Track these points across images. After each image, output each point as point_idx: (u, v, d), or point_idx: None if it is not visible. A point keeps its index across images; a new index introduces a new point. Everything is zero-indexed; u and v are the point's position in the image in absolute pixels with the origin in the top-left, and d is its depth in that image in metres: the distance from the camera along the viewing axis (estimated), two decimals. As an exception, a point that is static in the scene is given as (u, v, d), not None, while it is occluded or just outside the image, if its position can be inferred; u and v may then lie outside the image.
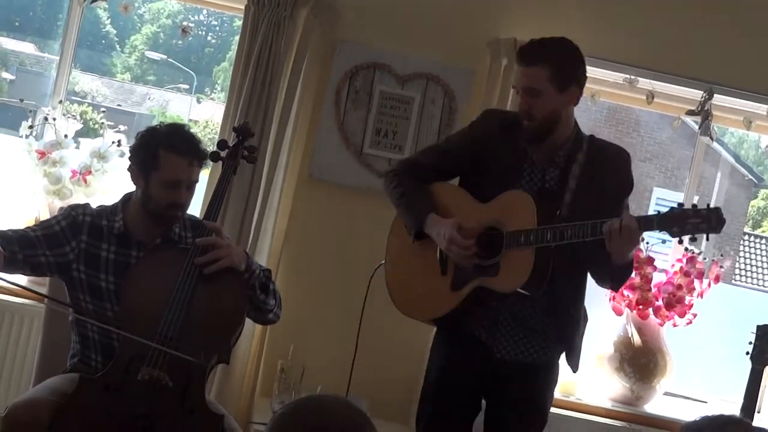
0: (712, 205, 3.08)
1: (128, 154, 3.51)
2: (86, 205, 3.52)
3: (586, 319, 3.61)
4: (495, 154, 3.47)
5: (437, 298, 3.50)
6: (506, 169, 3.45)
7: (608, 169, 3.45)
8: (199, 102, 17.18)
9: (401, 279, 3.63)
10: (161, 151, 3.35)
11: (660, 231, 3.19)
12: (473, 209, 3.46)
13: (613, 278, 3.47)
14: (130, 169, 3.45)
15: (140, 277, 3.34)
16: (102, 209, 3.50)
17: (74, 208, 3.49)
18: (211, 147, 3.62)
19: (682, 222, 3.10)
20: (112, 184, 4.68)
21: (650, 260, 4.78)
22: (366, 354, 4.24)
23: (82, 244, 3.41)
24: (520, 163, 3.46)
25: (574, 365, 3.58)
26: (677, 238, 3.19)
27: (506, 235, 3.32)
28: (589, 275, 3.53)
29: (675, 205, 3.16)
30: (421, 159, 3.69)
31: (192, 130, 3.49)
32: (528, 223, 3.28)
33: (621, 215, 3.23)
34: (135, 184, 3.44)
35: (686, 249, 4.89)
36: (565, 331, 3.51)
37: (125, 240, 3.44)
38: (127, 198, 3.51)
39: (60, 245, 3.38)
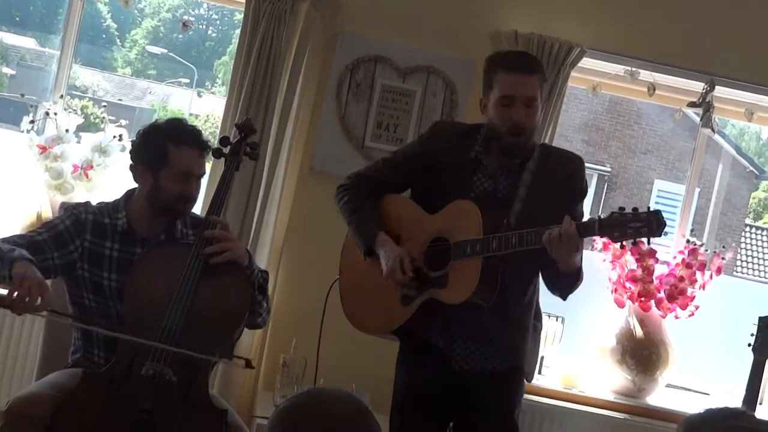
0: (713, 198, 3.04)
1: (130, 154, 3.49)
2: (87, 204, 3.51)
3: (536, 328, 3.54)
4: (446, 165, 3.39)
5: (388, 314, 3.45)
6: (458, 179, 3.38)
7: (559, 176, 3.38)
8: (199, 96, 17.19)
9: (354, 294, 3.60)
10: (170, 146, 3.35)
11: (601, 236, 3.12)
12: (421, 220, 3.41)
13: (560, 286, 3.41)
14: (133, 168, 3.44)
15: (144, 272, 3.33)
16: (103, 206, 3.48)
17: (76, 207, 3.48)
18: (212, 142, 3.61)
19: (623, 226, 3.02)
20: (113, 178, 4.68)
21: (652, 252, 4.78)
22: (369, 348, 4.24)
23: (86, 243, 3.39)
24: (471, 172, 3.39)
25: (527, 374, 3.52)
26: (619, 243, 3.14)
27: (453, 245, 3.28)
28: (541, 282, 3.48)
29: (616, 209, 3.06)
30: (372, 173, 3.62)
31: (192, 123, 3.48)
32: (474, 233, 3.22)
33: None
34: (140, 182, 3.42)
35: (688, 241, 4.89)
36: (515, 339, 3.44)
37: (129, 237, 3.43)
38: (129, 194, 3.49)
39: (65, 245, 3.36)
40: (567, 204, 3.33)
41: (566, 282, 3.35)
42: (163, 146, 3.35)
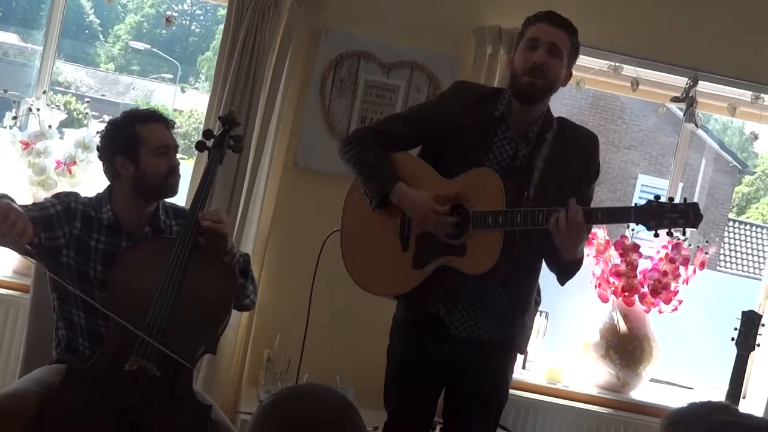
0: (696, 193, 3.07)
1: (101, 155, 3.49)
2: (77, 194, 3.52)
3: (538, 303, 3.57)
4: (467, 125, 3.36)
5: (398, 276, 3.39)
6: (475, 141, 3.35)
7: (577, 152, 3.39)
8: (183, 91, 17.16)
9: (359, 255, 3.50)
10: (138, 126, 3.40)
11: (637, 224, 3.16)
12: (435, 182, 3.34)
13: (561, 272, 3.41)
14: (110, 164, 3.44)
15: (128, 265, 3.32)
16: (88, 200, 3.49)
17: (67, 195, 3.48)
18: (196, 137, 3.63)
19: (660, 216, 3.07)
20: (96, 174, 4.66)
21: (636, 247, 4.79)
22: (353, 343, 4.24)
23: (75, 231, 3.38)
24: (493, 132, 3.36)
25: (521, 346, 3.53)
26: (653, 231, 3.16)
27: (473, 214, 3.24)
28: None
29: (652, 198, 3.11)
30: (384, 127, 3.54)
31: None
32: (495, 204, 3.19)
33: (586, 201, 3.22)
34: (122, 173, 3.41)
35: (671, 236, 4.90)
36: (519, 309, 3.43)
37: (115, 230, 3.42)
38: (111, 189, 3.49)
39: (53, 229, 3.35)
40: (581, 181, 3.36)
41: (567, 269, 3.37)
42: (132, 129, 3.40)
